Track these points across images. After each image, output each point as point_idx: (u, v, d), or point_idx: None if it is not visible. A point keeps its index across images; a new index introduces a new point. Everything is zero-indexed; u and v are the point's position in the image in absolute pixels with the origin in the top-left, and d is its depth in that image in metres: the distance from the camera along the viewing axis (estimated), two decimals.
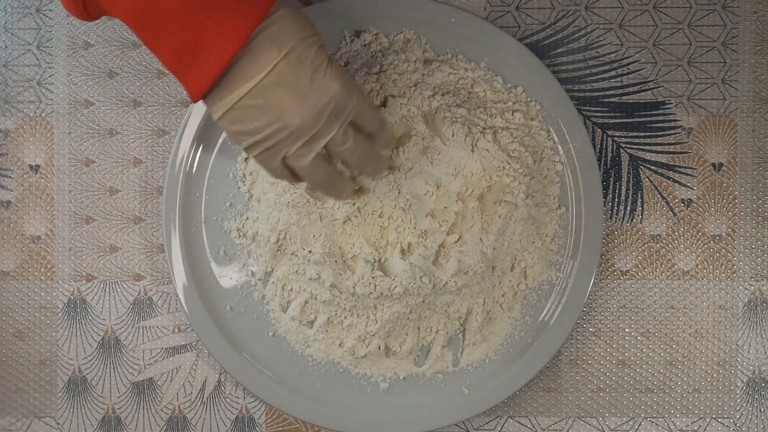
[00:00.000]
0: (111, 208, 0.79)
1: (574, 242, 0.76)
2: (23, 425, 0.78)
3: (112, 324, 0.78)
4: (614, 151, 0.78)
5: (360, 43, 0.76)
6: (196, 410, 0.78)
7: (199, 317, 0.75)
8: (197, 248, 0.76)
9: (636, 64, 0.78)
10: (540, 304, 0.77)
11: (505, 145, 0.74)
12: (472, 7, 0.78)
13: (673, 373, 0.78)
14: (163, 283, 0.78)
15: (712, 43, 0.78)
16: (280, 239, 0.74)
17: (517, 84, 0.76)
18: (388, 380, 0.76)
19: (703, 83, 0.78)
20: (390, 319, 0.73)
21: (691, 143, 0.78)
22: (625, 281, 0.78)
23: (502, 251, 0.74)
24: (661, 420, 0.78)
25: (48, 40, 0.78)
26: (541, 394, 0.78)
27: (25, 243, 0.78)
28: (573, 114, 0.76)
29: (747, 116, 0.78)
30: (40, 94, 0.78)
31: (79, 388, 0.78)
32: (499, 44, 0.76)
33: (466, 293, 0.74)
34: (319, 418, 0.76)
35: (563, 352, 0.78)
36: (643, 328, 0.78)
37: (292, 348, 0.76)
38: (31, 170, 0.79)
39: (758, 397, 0.78)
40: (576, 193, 0.76)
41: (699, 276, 0.78)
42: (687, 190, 0.78)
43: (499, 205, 0.72)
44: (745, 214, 0.78)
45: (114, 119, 0.79)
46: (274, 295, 0.76)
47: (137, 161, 0.79)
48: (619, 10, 0.78)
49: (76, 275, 0.78)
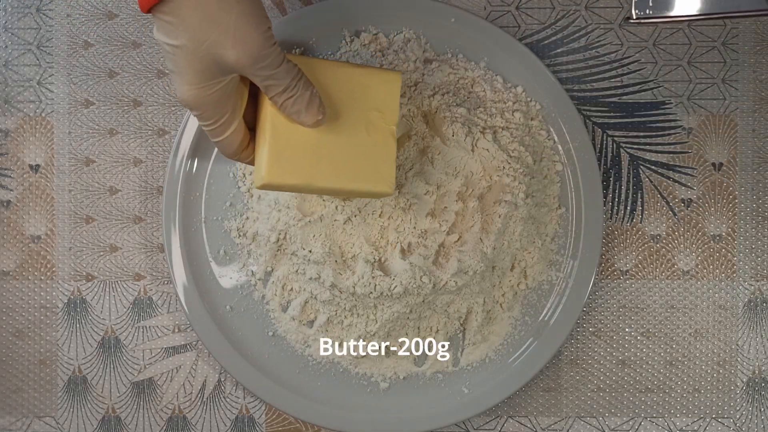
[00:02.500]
0: (111, 207, 0.79)
1: (574, 242, 0.76)
2: (23, 425, 0.78)
3: (112, 324, 0.78)
4: (614, 151, 0.78)
5: (360, 42, 0.76)
6: (196, 410, 0.78)
7: (199, 317, 0.75)
8: (197, 248, 0.76)
9: (636, 64, 0.78)
10: (540, 304, 0.77)
11: (505, 145, 0.74)
12: (472, 7, 0.78)
13: (673, 373, 0.78)
14: (163, 283, 0.78)
15: (712, 43, 0.78)
16: (280, 239, 0.74)
17: (517, 84, 0.76)
18: (388, 380, 0.76)
19: (703, 83, 0.78)
20: (390, 319, 0.73)
21: (691, 143, 0.78)
22: (625, 281, 0.78)
23: (502, 251, 0.74)
24: (661, 420, 0.78)
25: (48, 40, 0.78)
26: (541, 394, 0.78)
27: (25, 243, 0.78)
28: (573, 114, 0.76)
29: (747, 116, 0.78)
30: (40, 93, 0.78)
31: (79, 387, 0.78)
32: (499, 44, 0.76)
33: (466, 293, 0.74)
34: (319, 418, 0.76)
35: (563, 352, 0.78)
36: (643, 328, 0.78)
37: (292, 348, 0.76)
38: (31, 170, 0.79)
39: (758, 397, 0.78)
40: (576, 193, 0.76)
41: (699, 276, 0.78)
42: (687, 189, 0.78)
43: (499, 205, 0.72)
44: (745, 214, 0.78)
45: (114, 119, 0.79)
46: (274, 295, 0.76)
47: (137, 161, 0.79)
48: (619, 10, 0.78)
49: (76, 275, 0.78)
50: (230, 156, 0.64)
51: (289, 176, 0.62)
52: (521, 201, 0.72)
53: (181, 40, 0.57)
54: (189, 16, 0.56)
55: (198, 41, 0.56)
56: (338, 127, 0.63)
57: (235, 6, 0.56)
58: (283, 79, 0.60)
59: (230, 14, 0.56)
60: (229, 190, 0.77)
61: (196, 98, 0.59)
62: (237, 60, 0.57)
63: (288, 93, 0.60)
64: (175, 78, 0.59)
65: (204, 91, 0.59)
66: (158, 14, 0.56)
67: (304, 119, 0.62)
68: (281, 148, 0.61)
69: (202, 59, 0.57)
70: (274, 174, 0.61)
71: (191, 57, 0.57)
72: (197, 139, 0.75)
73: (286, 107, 0.61)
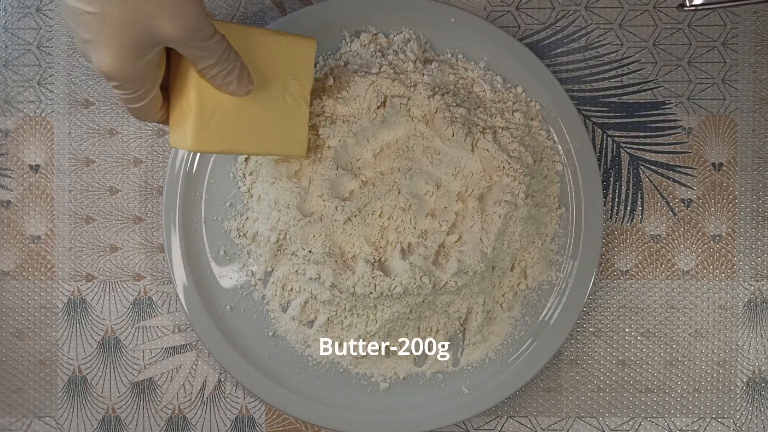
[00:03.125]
0: (111, 208, 0.79)
1: (574, 242, 0.76)
2: (23, 425, 0.78)
3: (112, 324, 0.78)
4: (614, 151, 0.78)
5: (359, 42, 0.76)
6: (196, 410, 0.78)
7: (199, 317, 0.75)
8: (197, 248, 0.76)
9: (636, 64, 0.78)
10: (540, 304, 0.77)
11: (505, 145, 0.74)
12: (472, 7, 0.78)
13: (673, 373, 0.78)
14: (163, 283, 0.78)
15: (712, 43, 0.78)
16: (280, 239, 0.74)
17: (517, 84, 0.76)
18: (388, 380, 0.76)
19: (703, 83, 0.78)
20: (390, 319, 0.73)
21: (691, 143, 0.78)
22: (625, 281, 0.78)
23: (502, 251, 0.74)
24: (661, 420, 0.78)
25: (48, 40, 0.78)
26: (541, 394, 0.78)
27: (25, 243, 0.78)
28: (573, 114, 0.76)
29: (747, 116, 0.78)
30: (40, 94, 0.78)
31: (79, 388, 0.78)
32: (499, 44, 0.76)
33: (466, 293, 0.74)
34: (319, 418, 0.76)
35: (563, 352, 0.78)
36: (643, 328, 0.78)
37: (292, 348, 0.76)
38: (31, 170, 0.79)
39: (758, 397, 0.78)
40: (576, 193, 0.76)
41: (699, 276, 0.78)
42: (687, 190, 0.78)
43: (499, 205, 0.72)
44: (745, 214, 0.78)
45: (114, 119, 0.79)
46: (274, 295, 0.76)
47: (137, 161, 0.79)
48: (619, 10, 0.78)
49: (76, 275, 0.78)
50: (142, 119, 0.62)
51: (214, 144, 0.63)
52: (521, 201, 0.72)
53: (108, 9, 0.53)
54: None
55: (129, 11, 0.53)
56: (258, 93, 0.64)
57: None
58: (214, 51, 0.58)
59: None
60: (229, 190, 0.77)
61: (120, 70, 0.56)
62: (173, 33, 0.55)
63: (219, 66, 0.59)
64: (94, 48, 0.55)
65: (130, 62, 0.55)
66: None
67: (235, 90, 0.61)
68: (207, 116, 0.62)
69: (132, 31, 0.54)
70: (201, 142, 0.62)
71: (118, 27, 0.54)
72: None
73: (217, 79, 0.60)
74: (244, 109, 0.63)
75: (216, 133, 0.62)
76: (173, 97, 0.62)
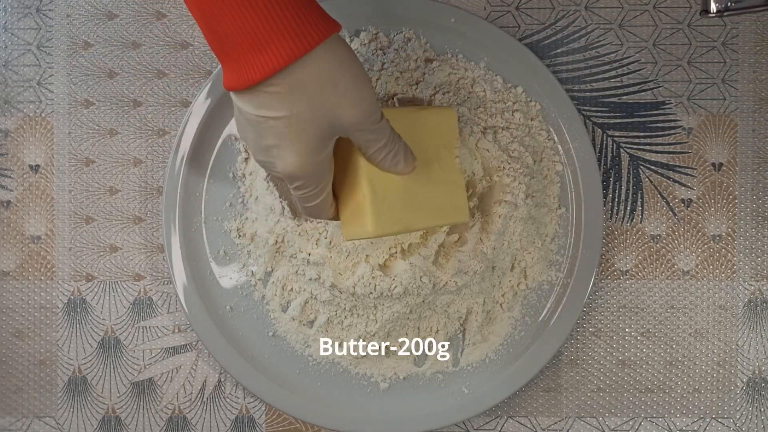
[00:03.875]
0: (111, 208, 0.79)
1: (574, 242, 0.76)
2: (23, 425, 0.78)
3: (112, 324, 0.78)
4: (614, 151, 0.78)
5: (360, 42, 0.76)
6: (196, 410, 0.78)
7: (199, 317, 0.75)
8: (197, 248, 0.76)
9: (636, 64, 0.78)
10: (540, 304, 0.77)
11: (505, 145, 0.74)
12: (472, 7, 0.78)
13: (673, 373, 0.78)
14: (163, 283, 0.78)
15: (712, 43, 0.78)
16: (278, 242, 0.74)
17: (517, 84, 0.76)
18: (388, 380, 0.76)
19: (703, 83, 0.78)
20: (390, 319, 0.73)
21: (691, 143, 0.78)
22: (625, 281, 0.78)
23: (502, 251, 0.74)
24: (661, 420, 0.78)
25: (48, 40, 0.78)
26: (541, 394, 0.78)
27: (25, 243, 0.78)
28: (573, 114, 0.76)
29: (747, 116, 0.78)
30: (40, 94, 0.78)
31: (79, 388, 0.78)
32: (499, 44, 0.76)
33: (466, 293, 0.74)
34: (319, 418, 0.76)
35: (563, 352, 0.78)
36: (643, 328, 0.78)
37: (292, 348, 0.76)
38: (31, 170, 0.79)
39: (758, 397, 0.78)
40: (576, 193, 0.76)
41: (699, 276, 0.78)
42: (687, 190, 0.78)
43: (499, 205, 0.72)
44: (745, 214, 0.78)
45: (114, 119, 0.79)
46: (274, 295, 0.76)
47: (137, 161, 0.79)
48: (619, 10, 0.78)
49: (76, 275, 0.78)
50: (316, 216, 0.64)
51: (391, 226, 0.64)
52: (521, 201, 0.72)
53: (295, 109, 0.55)
54: (310, 82, 0.54)
55: (314, 106, 0.55)
56: (417, 170, 0.65)
57: (351, 66, 0.56)
58: (384, 132, 0.60)
59: (347, 75, 0.55)
60: (229, 190, 0.77)
61: (307, 167, 0.57)
62: (353, 119, 0.56)
63: (388, 147, 0.60)
64: (278, 152, 0.57)
65: (313, 158, 0.57)
66: (266, 88, 0.54)
67: (403, 169, 0.63)
68: (380, 201, 0.63)
69: (318, 125, 0.56)
70: (380, 226, 0.63)
71: (305, 125, 0.55)
72: (197, 139, 0.75)
73: (387, 160, 0.61)
74: (408, 188, 0.64)
75: (389, 214, 0.63)
76: (341, 191, 0.64)
